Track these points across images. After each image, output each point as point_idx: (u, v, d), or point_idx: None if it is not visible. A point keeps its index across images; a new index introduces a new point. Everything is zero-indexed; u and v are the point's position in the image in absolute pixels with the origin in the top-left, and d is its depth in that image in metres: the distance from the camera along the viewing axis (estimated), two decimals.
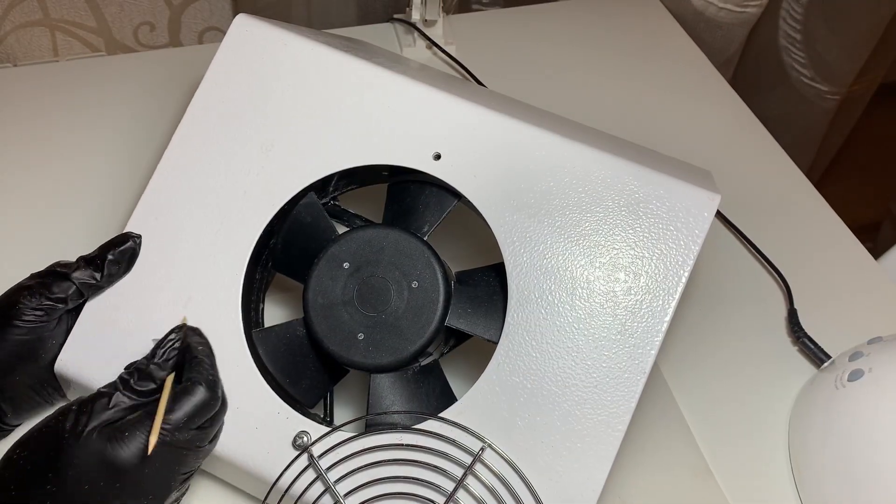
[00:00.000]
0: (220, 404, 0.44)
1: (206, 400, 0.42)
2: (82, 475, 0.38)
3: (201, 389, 0.41)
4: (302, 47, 0.51)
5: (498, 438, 0.44)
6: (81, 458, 0.38)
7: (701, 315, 0.63)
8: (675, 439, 0.56)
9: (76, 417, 0.40)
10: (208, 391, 0.42)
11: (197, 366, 0.43)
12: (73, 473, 0.38)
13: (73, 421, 0.40)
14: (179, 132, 0.51)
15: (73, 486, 0.38)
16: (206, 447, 0.43)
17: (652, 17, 0.92)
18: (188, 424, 0.41)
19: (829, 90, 1.08)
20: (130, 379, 0.42)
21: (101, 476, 0.38)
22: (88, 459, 0.38)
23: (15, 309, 0.45)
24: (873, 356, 0.53)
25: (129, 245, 0.48)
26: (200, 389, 0.41)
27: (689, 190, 0.46)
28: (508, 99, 0.59)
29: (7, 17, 0.82)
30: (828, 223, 0.72)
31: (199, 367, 0.43)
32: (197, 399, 0.41)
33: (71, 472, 0.38)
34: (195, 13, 0.89)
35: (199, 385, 0.42)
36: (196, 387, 0.41)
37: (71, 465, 0.38)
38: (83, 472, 0.38)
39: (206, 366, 0.43)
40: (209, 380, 0.42)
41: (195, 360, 0.43)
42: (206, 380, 0.42)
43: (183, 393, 0.41)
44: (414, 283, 0.47)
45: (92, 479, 0.38)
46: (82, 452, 0.39)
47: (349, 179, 0.55)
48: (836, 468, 0.51)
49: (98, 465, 0.38)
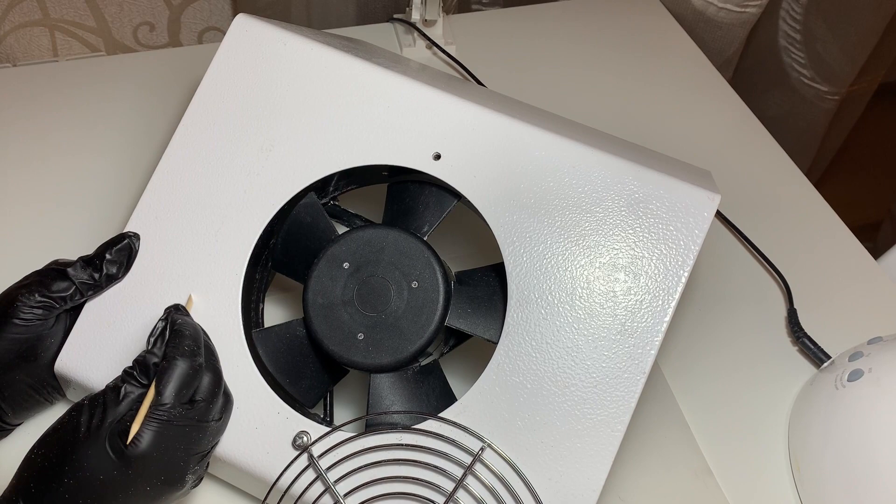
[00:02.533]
0: (210, 375, 0.43)
1: (186, 370, 0.41)
2: (97, 469, 0.39)
3: (178, 362, 0.41)
4: (301, 47, 0.51)
5: (498, 438, 0.44)
6: (95, 454, 0.40)
7: (701, 315, 0.63)
8: (675, 439, 0.56)
9: (88, 415, 0.41)
10: (186, 360, 0.42)
11: (173, 339, 0.43)
12: (89, 467, 0.39)
13: (86, 418, 0.41)
14: (179, 132, 0.51)
15: (90, 480, 0.39)
16: (211, 423, 0.43)
17: (652, 17, 0.92)
18: (178, 399, 0.41)
19: (829, 90, 1.08)
20: (134, 371, 0.43)
21: (115, 467, 0.40)
22: (102, 454, 0.40)
23: (13, 307, 0.45)
24: (873, 356, 0.53)
25: (127, 244, 0.48)
26: (178, 362, 0.41)
27: (689, 190, 0.46)
28: (508, 99, 0.59)
29: (7, 17, 0.82)
30: (828, 223, 0.72)
31: (176, 340, 0.43)
32: (177, 372, 0.41)
33: (87, 465, 0.39)
34: (195, 13, 0.89)
35: (176, 359, 0.41)
36: (173, 361, 0.41)
37: (87, 460, 0.40)
38: (98, 466, 0.39)
39: (185, 337, 0.43)
40: (185, 351, 0.42)
41: (173, 334, 0.43)
42: (181, 352, 0.42)
43: (163, 371, 0.41)
44: (414, 283, 0.47)
45: (106, 471, 0.39)
46: (95, 449, 0.40)
47: (349, 179, 0.55)
48: (835, 468, 0.51)
49: (111, 458, 0.40)
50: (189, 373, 0.42)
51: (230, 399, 0.46)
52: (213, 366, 0.44)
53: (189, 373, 0.42)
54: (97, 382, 0.47)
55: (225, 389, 0.45)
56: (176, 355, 0.42)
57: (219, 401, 0.44)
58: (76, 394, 0.50)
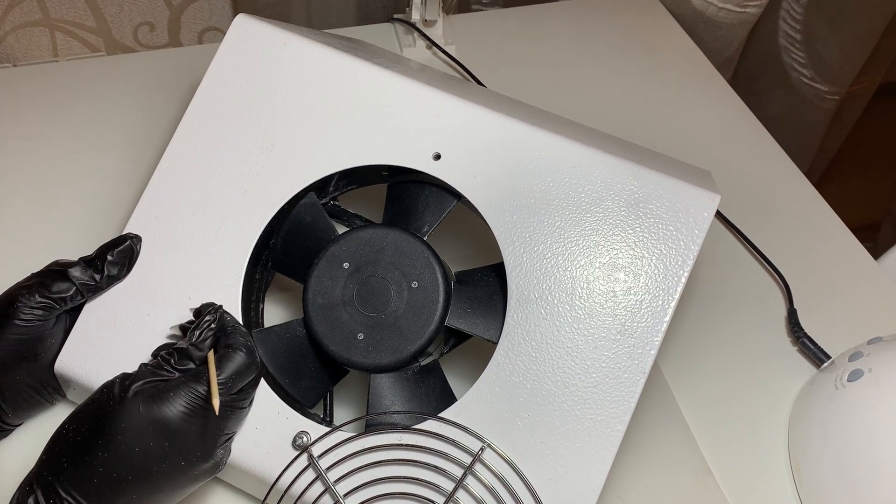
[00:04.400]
0: (259, 369, 0.45)
1: (246, 363, 0.44)
2: (133, 438, 0.40)
3: (241, 354, 0.43)
4: (302, 47, 0.51)
5: (498, 438, 0.44)
6: (130, 422, 0.40)
7: (701, 315, 0.63)
8: (675, 439, 0.56)
9: (121, 384, 0.42)
10: (248, 355, 0.44)
11: (233, 333, 0.45)
12: (123, 438, 0.40)
13: (119, 388, 0.41)
14: (179, 132, 0.51)
15: (125, 450, 0.39)
16: (245, 409, 0.45)
17: (652, 17, 0.92)
18: (230, 388, 0.42)
19: (829, 90, 1.08)
20: (171, 359, 0.43)
21: (151, 437, 0.40)
22: (137, 422, 0.40)
23: (13, 307, 0.45)
24: (873, 356, 0.53)
25: (128, 245, 0.48)
26: (240, 354, 0.43)
27: (689, 190, 0.46)
28: (508, 99, 0.59)
29: (7, 17, 0.82)
30: (828, 223, 0.72)
31: (236, 334, 0.45)
32: (237, 363, 0.43)
33: (121, 436, 0.40)
34: (195, 13, 0.89)
35: (239, 350, 0.44)
36: (236, 352, 0.43)
37: (120, 431, 0.40)
38: (133, 436, 0.40)
39: (242, 333, 0.45)
40: (247, 345, 0.44)
41: (231, 329, 0.45)
42: (244, 345, 0.44)
43: (224, 358, 0.43)
44: (414, 283, 0.47)
45: (142, 441, 0.40)
46: (130, 416, 0.40)
47: (349, 179, 0.55)
48: (835, 468, 0.51)
49: (146, 425, 0.40)
50: (249, 366, 0.44)
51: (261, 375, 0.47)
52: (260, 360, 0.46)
53: (249, 366, 0.44)
54: (97, 383, 0.46)
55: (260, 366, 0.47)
56: (239, 346, 0.44)
57: (255, 391, 0.45)
58: (76, 394, 0.50)
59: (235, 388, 0.43)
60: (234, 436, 0.45)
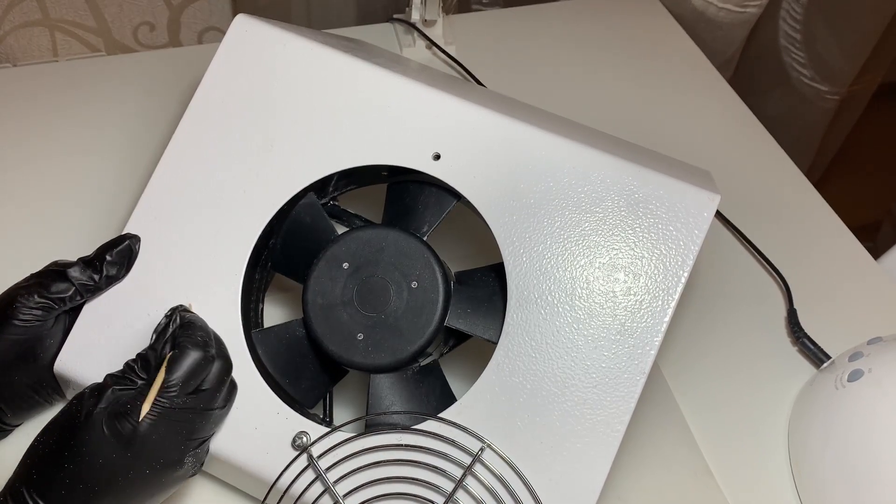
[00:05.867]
0: (221, 364, 0.44)
1: (198, 360, 0.42)
2: (96, 451, 0.40)
3: (191, 351, 0.42)
4: (302, 47, 0.51)
5: (497, 438, 0.44)
6: (93, 437, 0.40)
7: (701, 315, 0.63)
8: (675, 439, 0.56)
9: (88, 401, 0.42)
10: (199, 351, 0.42)
11: (186, 330, 0.44)
12: (87, 450, 0.40)
13: (87, 399, 0.42)
14: (179, 132, 0.51)
15: (89, 462, 0.40)
16: (215, 411, 0.44)
17: (652, 17, 0.92)
18: (185, 388, 0.41)
19: (829, 90, 1.08)
20: (135, 366, 0.43)
21: (113, 449, 0.40)
22: (100, 437, 0.40)
23: (12, 308, 0.45)
24: (873, 356, 0.53)
25: (127, 246, 0.48)
26: (190, 351, 0.42)
27: (689, 190, 0.46)
28: (508, 99, 0.59)
29: (7, 17, 0.82)
30: (828, 223, 0.72)
31: (188, 330, 0.44)
32: (189, 361, 0.42)
33: (85, 448, 0.40)
34: (195, 13, 0.89)
35: (188, 347, 0.42)
36: (185, 349, 0.42)
37: (85, 443, 0.40)
38: (97, 449, 0.40)
39: (196, 329, 0.44)
40: (198, 341, 0.43)
41: (185, 324, 0.44)
42: (194, 342, 0.43)
43: (174, 358, 0.42)
44: (413, 284, 0.47)
45: (105, 454, 0.40)
46: (93, 432, 0.40)
47: (349, 179, 0.55)
48: (835, 468, 0.51)
49: (109, 440, 0.40)
50: (200, 363, 0.42)
51: (235, 386, 0.46)
52: (224, 354, 0.45)
53: (200, 363, 0.42)
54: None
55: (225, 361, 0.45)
56: (188, 344, 0.42)
57: (225, 389, 0.44)
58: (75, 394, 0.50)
59: (191, 388, 0.42)
60: (210, 440, 0.44)
